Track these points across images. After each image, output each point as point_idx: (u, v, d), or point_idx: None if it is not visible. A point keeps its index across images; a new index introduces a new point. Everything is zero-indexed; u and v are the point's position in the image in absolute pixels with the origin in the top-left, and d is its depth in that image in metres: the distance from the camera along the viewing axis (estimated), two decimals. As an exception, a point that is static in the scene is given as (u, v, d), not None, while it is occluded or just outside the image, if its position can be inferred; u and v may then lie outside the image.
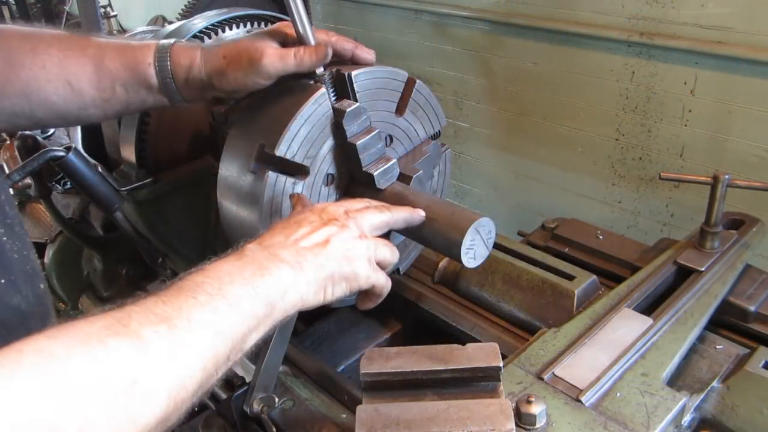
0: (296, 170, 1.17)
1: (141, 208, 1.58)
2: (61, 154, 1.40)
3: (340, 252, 0.97)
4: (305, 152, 1.17)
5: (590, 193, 3.43)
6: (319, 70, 1.19)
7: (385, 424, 0.91)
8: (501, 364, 0.97)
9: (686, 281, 1.34)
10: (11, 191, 1.97)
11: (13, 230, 0.89)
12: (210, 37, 1.54)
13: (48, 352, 0.64)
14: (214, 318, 0.79)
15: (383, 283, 1.05)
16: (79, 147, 1.64)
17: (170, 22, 2.38)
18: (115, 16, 3.42)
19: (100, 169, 1.48)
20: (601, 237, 1.61)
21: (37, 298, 0.91)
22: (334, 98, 1.21)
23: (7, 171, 1.52)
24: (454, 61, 3.82)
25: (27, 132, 1.58)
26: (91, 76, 1.19)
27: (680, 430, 1.06)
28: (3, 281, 0.83)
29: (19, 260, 0.87)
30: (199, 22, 1.57)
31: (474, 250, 1.11)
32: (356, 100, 1.20)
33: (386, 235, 1.29)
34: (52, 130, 2.06)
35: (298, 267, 0.92)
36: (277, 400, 1.18)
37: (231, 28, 1.58)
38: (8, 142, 1.61)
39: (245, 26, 1.61)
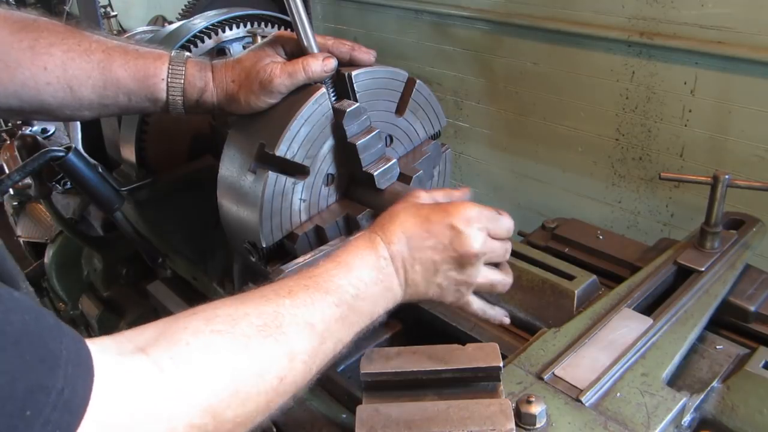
0: (296, 170, 1.17)
1: (141, 208, 1.58)
2: (61, 154, 1.40)
3: (443, 287, 1.02)
4: (305, 152, 1.17)
5: (590, 193, 3.43)
6: None
7: (385, 424, 0.91)
8: (501, 364, 0.97)
9: (686, 281, 1.33)
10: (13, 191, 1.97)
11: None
12: (210, 37, 1.54)
13: (214, 349, 0.73)
14: (344, 330, 0.90)
15: (462, 304, 1.08)
16: (79, 147, 1.64)
17: (170, 22, 2.38)
18: (115, 16, 3.42)
19: (100, 169, 1.48)
20: (601, 237, 1.61)
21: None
22: (334, 98, 1.21)
23: (7, 171, 1.52)
24: (454, 61, 3.81)
25: (27, 132, 1.58)
26: (95, 81, 1.14)
27: (680, 430, 1.06)
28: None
29: None
30: (199, 22, 1.57)
31: (474, 250, 1.11)
32: (356, 100, 1.20)
33: None
34: (52, 130, 2.07)
35: (404, 287, 0.99)
36: (277, 400, 1.18)
37: (231, 28, 1.58)
38: (8, 142, 1.61)
39: (245, 26, 1.61)
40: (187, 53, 1.23)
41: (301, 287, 0.87)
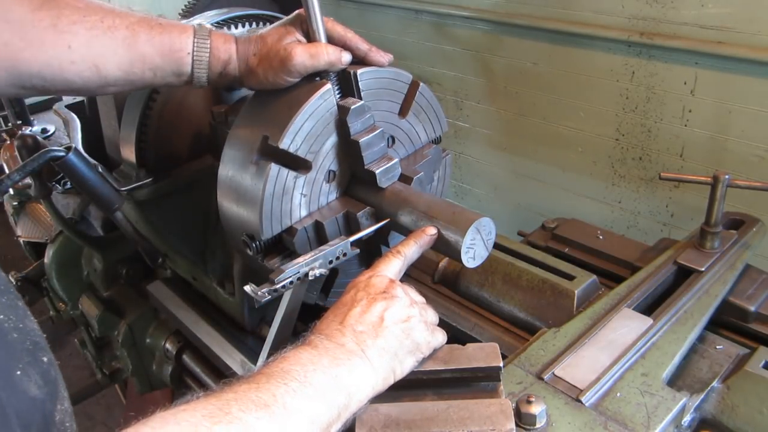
0: (299, 164, 1.17)
1: (141, 208, 1.58)
2: (61, 154, 1.40)
3: (397, 328, 0.95)
4: (308, 147, 1.17)
5: (590, 193, 3.43)
6: None
7: (385, 424, 0.91)
8: (501, 364, 0.97)
9: (686, 281, 1.34)
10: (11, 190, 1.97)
11: (5, 302, 0.76)
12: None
13: None
14: (306, 405, 0.81)
15: (442, 341, 1.03)
16: (79, 147, 1.63)
17: (170, 22, 2.38)
18: (115, 15, 3.42)
19: (100, 169, 1.48)
20: (601, 237, 1.61)
21: (44, 375, 0.75)
22: (338, 95, 1.21)
23: (7, 171, 1.52)
24: (454, 61, 3.81)
25: (27, 132, 1.57)
26: (121, 59, 1.12)
27: (680, 430, 1.06)
28: (18, 372, 0.71)
29: (19, 339, 0.74)
30: (200, 22, 1.57)
31: (474, 250, 1.12)
32: (361, 99, 1.20)
33: (386, 241, 1.29)
34: (52, 130, 2.07)
35: (364, 356, 0.91)
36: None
37: (230, 28, 1.58)
38: (8, 142, 1.61)
39: (245, 26, 1.61)
40: (210, 25, 1.22)
41: (243, 383, 0.81)
